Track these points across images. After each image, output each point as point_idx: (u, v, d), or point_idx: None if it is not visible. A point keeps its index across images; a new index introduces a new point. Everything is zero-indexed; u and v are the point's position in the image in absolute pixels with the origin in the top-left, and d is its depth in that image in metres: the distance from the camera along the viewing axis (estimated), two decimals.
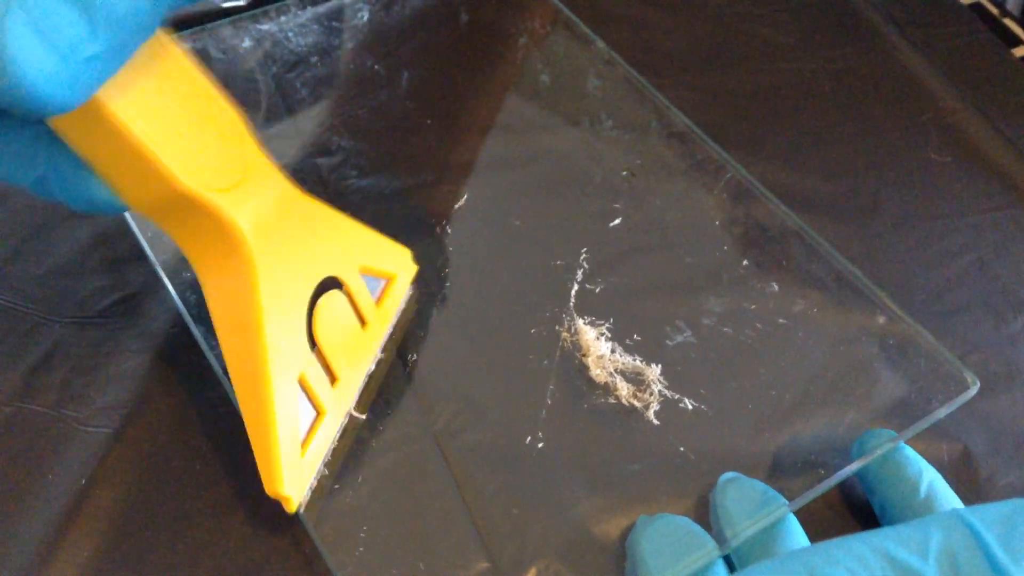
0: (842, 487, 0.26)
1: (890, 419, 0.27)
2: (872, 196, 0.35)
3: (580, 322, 0.29)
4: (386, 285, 0.29)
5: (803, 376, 0.28)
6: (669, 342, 0.29)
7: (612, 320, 0.29)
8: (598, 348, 0.28)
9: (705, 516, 0.25)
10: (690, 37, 0.41)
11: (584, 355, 0.28)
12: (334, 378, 0.26)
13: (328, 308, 0.26)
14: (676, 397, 0.27)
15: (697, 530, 0.23)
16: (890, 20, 0.42)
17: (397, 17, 0.39)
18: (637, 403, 0.27)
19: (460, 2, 0.40)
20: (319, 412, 0.25)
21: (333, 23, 0.39)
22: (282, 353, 0.23)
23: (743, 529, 0.23)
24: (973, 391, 0.26)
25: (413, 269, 0.29)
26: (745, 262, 0.31)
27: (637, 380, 0.28)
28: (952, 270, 0.32)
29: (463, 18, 0.40)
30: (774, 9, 0.42)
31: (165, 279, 0.29)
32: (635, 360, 0.28)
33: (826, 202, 0.34)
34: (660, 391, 0.27)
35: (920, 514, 0.23)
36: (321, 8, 0.39)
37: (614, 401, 0.27)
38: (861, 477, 0.26)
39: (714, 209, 0.32)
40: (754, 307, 0.29)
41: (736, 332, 0.29)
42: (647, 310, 0.29)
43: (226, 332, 0.24)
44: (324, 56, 0.38)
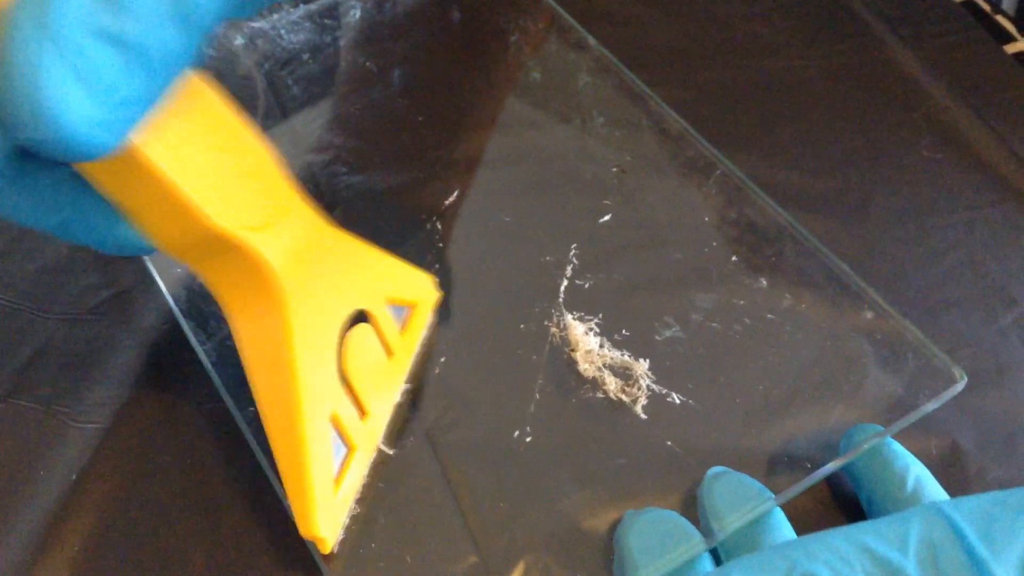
0: (830, 481, 0.26)
1: (878, 414, 0.27)
2: (863, 193, 0.35)
3: (569, 317, 0.29)
4: (410, 313, 0.28)
5: (791, 371, 0.28)
6: (657, 337, 0.29)
7: (601, 315, 0.29)
8: (587, 343, 0.28)
9: (692, 510, 0.25)
10: (681, 35, 0.41)
11: (573, 350, 0.28)
12: (364, 412, 0.25)
13: (357, 342, 0.25)
14: (664, 392, 0.27)
15: (684, 524, 0.23)
16: (882, 17, 0.42)
17: (389, 15, 0.40)
18: (625, 398, 0.27)
19: (452, 0, 0.40)
20: (351, 448, 0.25)
21: (326, 20, 0.39)
22: (315, 392, 0.23)
23: (729, 523, 0.23)
24: (960, 386, 0.26)
25: (435, 295, 0.29)
26: (734, 258, 0.31)
27: (625, 375, 0.28)
28: (942, 266, 0.33)
29: (455, 16, 0.40)
30: (766, 7, 0.42)
31: (156, 276, 0.29)
32: (623, 355, 0.28)
33: (817, 199, 0.34)
34: (648, 386, 0.27)
35: (906, 508, 0.24)
36: (314, 5, 0.39)
37: (602, 396, 0.27)
38: (849, 472, 0.26)
39: (704, 206, 0.32)
40: (743, 303, 0.29)
41: (724, 328, 0.29)
42: (636, 306, 0.29)
43: (258, 371, 0.23)
44: (316, 53, 0.38)
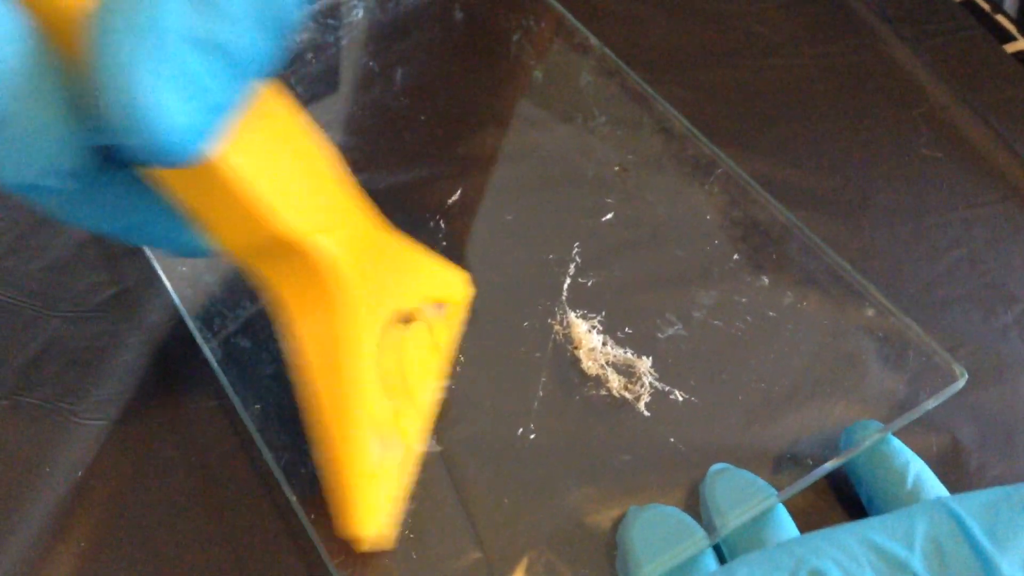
0: (831, 478, 0.26)
1: (878, 411, 0.27)
2: (863, 191, 0.35)
3: (572, 315, 0.29)
4: (449, 310, 0.28)
5: (793, 368, 0.28)
6: (660, 335, 0.29)
7: (604, 313, 0.29)
8: (590, 341, 0.28)
9: (695, 507, 0.25)
10: (682, 34, 0.41)
11: (576, 348, 0.28)
12: (414, 411, 0.25)
13: (406, 341, 0.25)
14: (667, 389, 0.27)
15: (687, 520, 0.24)
16: (882, 16, 0.42)
17: (392, 14, 0.40)
18: (628, 395, 0.27)
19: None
20: (404, 447, 0.25)
21: (328, 20, 0.39)
22: (373, 390, 0.23)
23: (732, 519, 0.23)
24: (961, 383, 0.27)
25: (471, 291, 0.29)
26: (736, 256, 0.31)
27: (628, 372, 0.28)
28: (942, 264, 0.33)
29: (457, 15, 0.40)
30: (766, 6, 0.42)
31: (161, 274, 0.29)
32: (626, 352, 0.28)
33: (817, 197, 0.34)
34: (651, 383, 0.27)
35: (906, 504, 0.24)
36: (317, 5, 0.39)
37: (605, 393, 0.27)
38: (849, 468, 0.26)
39: (705, 204, 0.33)
40: (744, 300, 0.30)
41: (726, 325, 0.29)
42: (638, 303, 0.30)
43: (313, 373, 0.23)
44: (319, 53, 0.38)
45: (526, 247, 0.31)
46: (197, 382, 0.28)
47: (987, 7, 0.43)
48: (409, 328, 0.26)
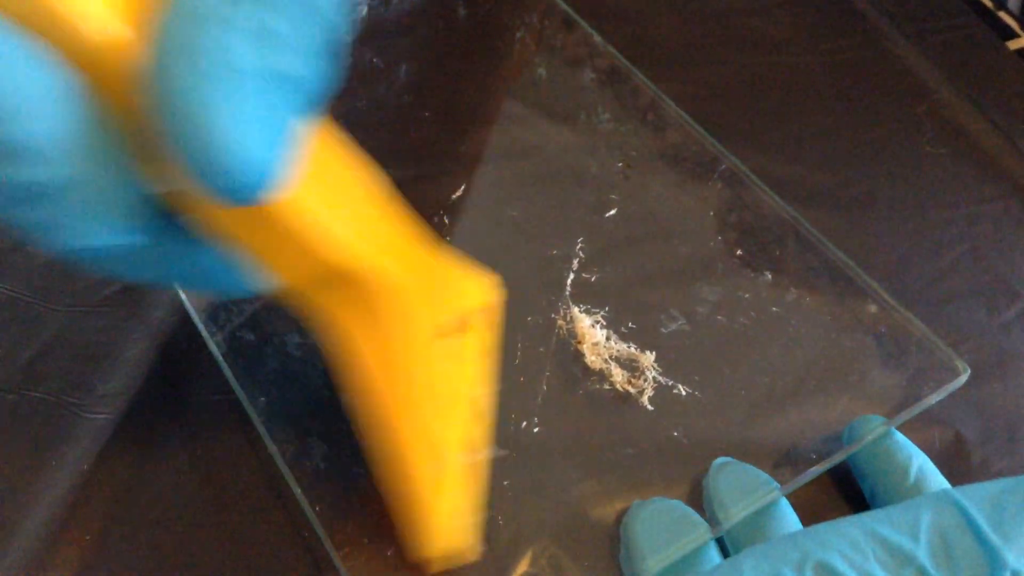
0: (833, 472, 0.26)
1: (882, 406, 0.27)
2: (867, 187, 0.35)
3: (576, 310, 0.29)
4: (488, 314, 0.28)
5: (796, 363, 0.28)
6: (663, 330, 0.29)
7: (607, 308, 0.29)
8: (593, 335, 0.28)
9: (698, 500, 0.25)
10: (685, 30, 0.41)
11: (579, 342, 0.28)
12: (479, 418, 0.25)
13: (463, 350, 0.25)
14: (670, 383, 0.28)
15: (690, 513, 0.24)
16: (885, 13, 0.42)
17: (395, 11, 0.40)
18: (631, 389, 0.27)
19: None
20: (475, 458, 0.25)
21: None
22: (447, 407, 0.23)
23: (735, 512, 0.23)
24: (963, 378, 0.27)
25: (502, 294, 0.29)
26: (739, 252, 0.31)
27: (631, 367, 0.28)
28: (946, 260, 0.33)
29: (461, 12, 0.40)
30: (770, 3, 0.42)
31: None
32: (630, 347, 0.28)
33: (821, 193, 0.35)
34: (654, 377, 0.28)
35: (909, 498, 0.24)
36: None
37: (609, 387, 0.27)
38: (852, 462, 0.26)
39: (709, 200, 0.33)
40: (748, 296, 0.30)
41: (730, 320, 0.29)
42: (642, 298, 0.30)
43: (383, 396, 0.23)
44: None
45: (530, 243, 0.31)
46: (202, 376, 0.28)
47: (990, 4, 0.43)
48: (463, 337, 0.26)
